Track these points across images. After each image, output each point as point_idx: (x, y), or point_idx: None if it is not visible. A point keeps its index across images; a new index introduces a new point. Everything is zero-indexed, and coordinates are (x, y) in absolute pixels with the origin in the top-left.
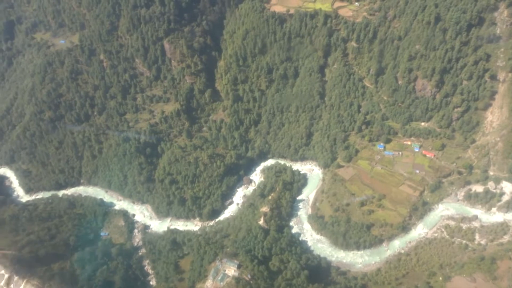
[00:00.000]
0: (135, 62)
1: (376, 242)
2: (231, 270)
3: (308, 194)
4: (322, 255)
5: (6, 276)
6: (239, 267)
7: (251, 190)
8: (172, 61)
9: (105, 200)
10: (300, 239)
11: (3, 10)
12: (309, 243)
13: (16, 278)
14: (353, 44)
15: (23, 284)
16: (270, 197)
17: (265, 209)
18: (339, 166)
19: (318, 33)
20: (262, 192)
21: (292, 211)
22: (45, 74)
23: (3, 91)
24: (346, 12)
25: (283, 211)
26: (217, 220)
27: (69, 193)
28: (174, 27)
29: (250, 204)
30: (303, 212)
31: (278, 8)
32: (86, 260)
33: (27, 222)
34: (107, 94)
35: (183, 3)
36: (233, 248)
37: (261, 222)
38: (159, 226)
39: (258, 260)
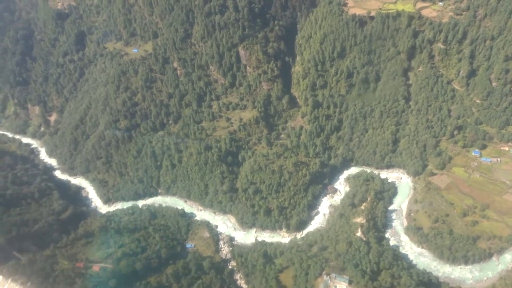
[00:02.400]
0: (209, 69)
1: (485, 256)
2: (342, 286)
3: (400, 203)
4: (427, 270)
5: None
6: (350, 282)
7: (337, 200)
8: (248, 68)
9: (185, 210)
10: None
11: (73, 21)
12: (410, 257)
13: None
14: (440, 45)
15: None
16: (362, 207)
17: (360, 220)
18: (432, 174)
19: (402, 35)
20: (352, 202)
21: (386, 222)
22: (119, 83)
23: (76, 101)
24: (429, 12)
25: (379, 222)
26: (305, 231)
27: (149, 203)
28: (248, 33)
29: (340, 215)
30: (398, 223)
31: (357, 11)
32: (181, 274)
33: (115, 234)
34: (182, 102)
35: (256, 9)
36: (339, 262)
37: (358, 234)
38: (244, 237)
39: (369, 276)
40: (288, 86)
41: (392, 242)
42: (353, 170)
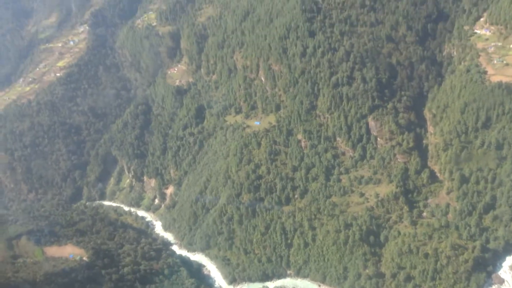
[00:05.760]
0: (336, 141)
1: None
2: None
3: None
4: None
5: None
6: None
7: None
8: (379, 139)
9: None
10: None
11: (192, 96)
12: None
13: None
14: None
15: None
16: None
17: None
18: None
19: None
20: None
21: None
22: (241, 155)
23: (194, 173)
24: None
25: None
26: None
27: (278, 286)
28: (378, 103)
29: None
30: None
31: (501, 78)
32: None
33: None
34: (308, 176)
35: (383, 79)
36: None
37: None
38: None
39: None
40: (423, 158)
41: None
42: None
